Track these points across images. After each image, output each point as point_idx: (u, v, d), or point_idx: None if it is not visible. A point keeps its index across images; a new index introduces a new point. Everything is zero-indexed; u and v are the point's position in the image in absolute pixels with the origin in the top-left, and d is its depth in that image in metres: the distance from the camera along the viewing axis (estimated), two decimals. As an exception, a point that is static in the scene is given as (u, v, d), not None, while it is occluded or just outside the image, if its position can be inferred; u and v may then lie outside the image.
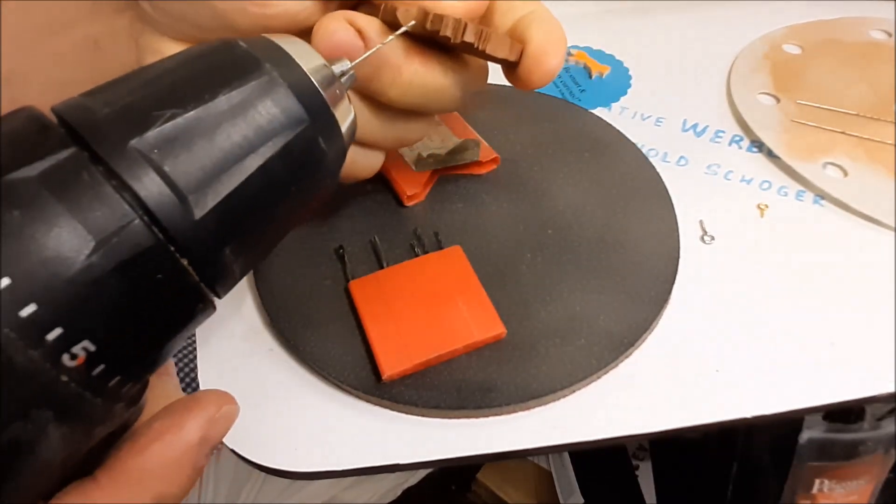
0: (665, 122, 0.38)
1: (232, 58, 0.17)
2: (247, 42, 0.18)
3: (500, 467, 0.69)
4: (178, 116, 0.16)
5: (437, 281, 0.28)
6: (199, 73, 0.17)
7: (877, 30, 0.41)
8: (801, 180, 0.34)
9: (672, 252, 0.30)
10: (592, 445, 0.26)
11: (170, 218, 0.15)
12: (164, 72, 0.17)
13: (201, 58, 0.17)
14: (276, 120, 0.17)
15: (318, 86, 0.18)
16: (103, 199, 0.15)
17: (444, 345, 0.26)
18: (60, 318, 0.14)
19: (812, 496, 0.39)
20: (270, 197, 0.17)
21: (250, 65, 0.17)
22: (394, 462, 0.25)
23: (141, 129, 0.15)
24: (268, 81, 0.17)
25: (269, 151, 0.17)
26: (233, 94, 0.16)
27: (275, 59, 0.18)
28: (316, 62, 0.19)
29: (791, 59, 0.40)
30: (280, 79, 0.17)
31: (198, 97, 0.16)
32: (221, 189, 0.16)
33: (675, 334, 0.28)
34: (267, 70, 0.17)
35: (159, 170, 0.15)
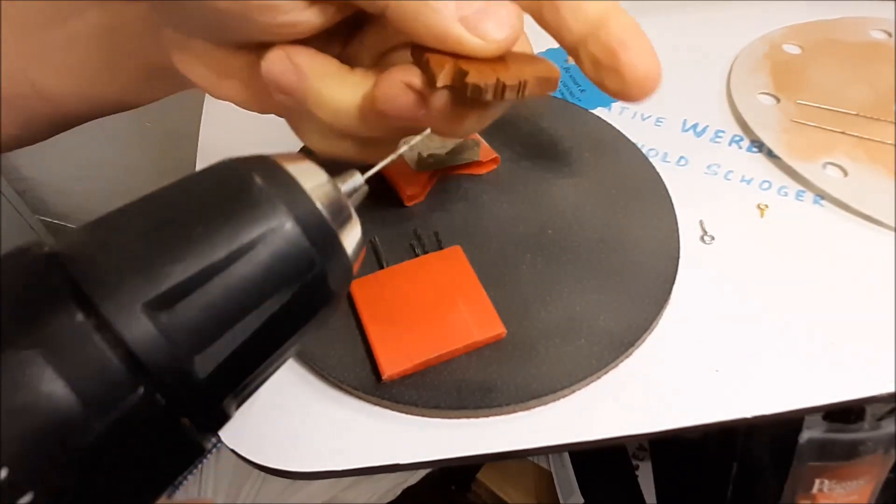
0: (665, 122, 0.38)
1: (240, 193, 0.17)
2: (257, 170, 0.17)
3: (500, 467, 0.69)
4: (186, 274, 0.15)
5: (437, 281, 0.28)
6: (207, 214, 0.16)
7: (877, 30, 0.41)
8: (801, 180, 0.34)
9: (672, 252, 0.30)
10: (592, 445, 0.26)
11: (174, 382, 0.15)
12: (168, 210, 0.16)
13: (209, 193, 0.17)
14: (286, 268, 0.16)
15: (329, 216, 0.18)
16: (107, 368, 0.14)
17: (444, 345, 0.26)
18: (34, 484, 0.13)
19: (812, 496, 0.39)
20: (277, 341, 0.17)
21: (261, 203, 0.16)
22: (394, 462, 0.25)
23: (149, 290, 0.15)
24: (278, 226, 0.16)
25: (277, 303, 0.16)
26: (242, 243, 0.16)
27: (283, 190, 0.17)
28: (325, 186, 0.18)
29: (791, 59, 0.40)
30: (290, 219, 0.16)
31: (207, 248, 0.16)
32: (227, 347, 0.16)
33: (675, 334, 0.28)
34: (276, 209, 0.16)
35: (166, 334, 0.15)
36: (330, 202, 0.18)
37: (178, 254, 0.15)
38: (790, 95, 0.37)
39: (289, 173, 0.17)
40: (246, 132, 0.37)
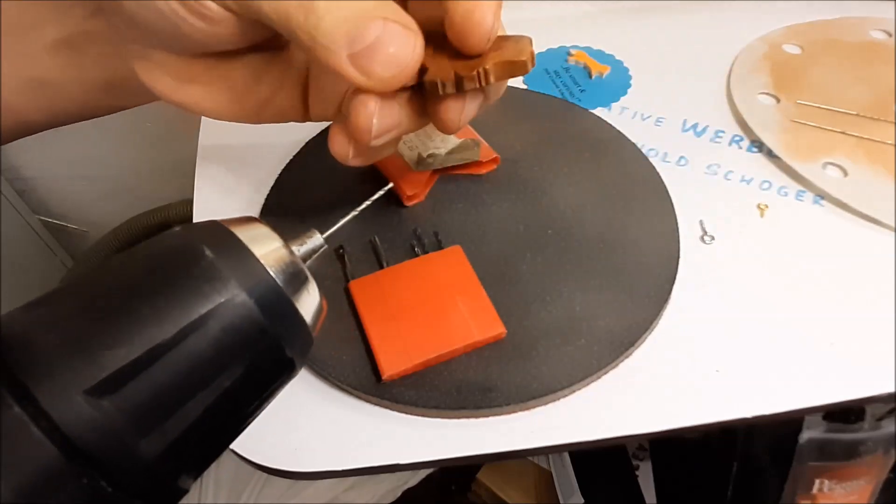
0: (665, 122, 0.38)
1: (188, 266, 0.16)
2: (207, 241, 0.16)
3: (500, 467, 0.68)
4: (130, 356, 0.14)
5: (437, 281, 0.28)
6: (154, 291, 0.15)
7: (877, 30, 0.41)
8: (801, 180, 0.34)
9: (672, 252, 0.30)
10: (592, 445, 0.26)
11: (120, 469, 0.14)
12: (112, 288, 0.16)
13: (156, 267, 0.16)
14: (238, 341, 0.16)
15: (283, 284, 0.17)
16: (47, 460, 0.13)
17: (444, 345, 0.26)
18: None
19: (812, 496, 0.39)
20: (232, 414, 0.17)
21: (211, 277, 0.16)
22: (394, 462, 0.25)
23: (89, 375, 0.14)
24: (229, 299, 0.16)
25: (229, 377, 0.16)
26: (190, 319, 0.15)
27: (234, 261, 0.16)
28: (279, 251, 0.18)
29: (791, 59, 0.40)
30: (241, 291, 0.16)
31: (153, 328, 0.15)
32: (177, 427, 0.15)
33: (675, 334, 0.28)
34: (226, 282, 0.16)
35: (109, 420, 0.14)
36: (284, 268, 0.17)
37: (122, 335, 0.15)
38: (790, 95, 0.37)
39: (241, 241, 0.17)
40: (245, 132, 0.37)
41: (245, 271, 0.16)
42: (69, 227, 1.13)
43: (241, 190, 0.35)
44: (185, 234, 0.17)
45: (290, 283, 0.17)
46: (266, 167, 0.35)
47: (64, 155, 1.00)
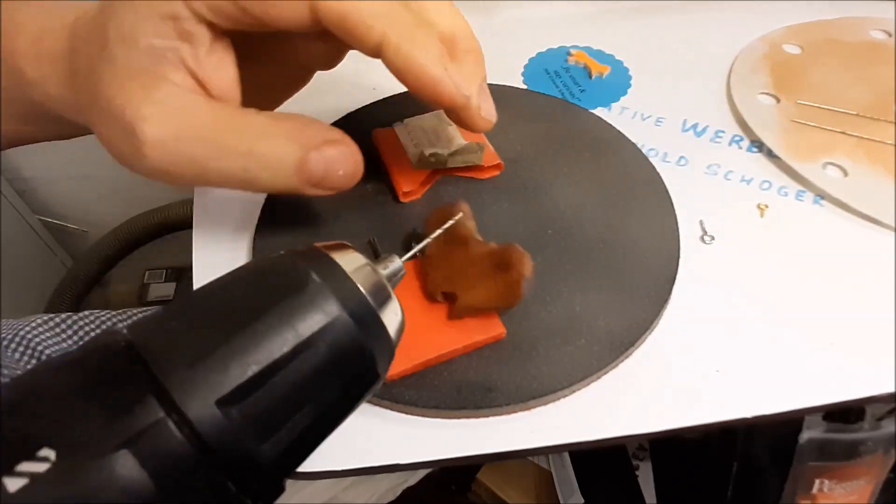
0: (665, 122, 0.38)
1: (300, 289, 0.18)
2: (313, 266, 0.19)
3: (500, 467, 0.68)
4: (254, 370, 0.17)
5: (437, 281, 0.28)
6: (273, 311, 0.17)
7: (877, 30, 0.41)
8: (801, 180, 0.34)
9: (672, 252, 0.30)
10: (592, 445, 0.26)
11: (245, 471, 0.16)
12: (233, 306, 0.18)
13: (271, 288, 0.18)
14: (342, 358, 0.18)
15: (374, 304, 0.19)
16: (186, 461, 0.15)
17: (444, 345, 0.26)
18: None
19: (812, 496, 0.39)
20: (331, 424, 0.19)
21: (319, 300, 0.18)
22: (394, 462, 0.25)
23: (221, 387, 0.16)
24: (335, 320, 0.18)
25: (334, 391, 0.18)
26: (303, 338, 0.17)
27: (336, 284, 0.19)
28: (369, 273, 0.20)
29: (791, 59, 0.40)
30: (345, 312, 0.18)
31: (272, 344, 0.17)
32: (289, 435, 0.17)
33: (675, 334, 0.28)
34: (332, 303, 0.18)
35: (238, 427, 0.16)
36: (376, 291, 0.20)
37: (247, 352, 0.17)
38: (790, 95, 0.37)
39: (340, 267, 0.19)
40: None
41: (346, 294, 0.19)
42: (69, 227, 1.13)
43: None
44: (292, 258, 0.19)
45: (381, 303, 0.20)
46: (266, 167, 0.35)
47: (64, 155, 1.00)
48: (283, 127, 0.25)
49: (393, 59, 0.23)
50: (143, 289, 1.13)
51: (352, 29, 0.23)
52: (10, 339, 0.47)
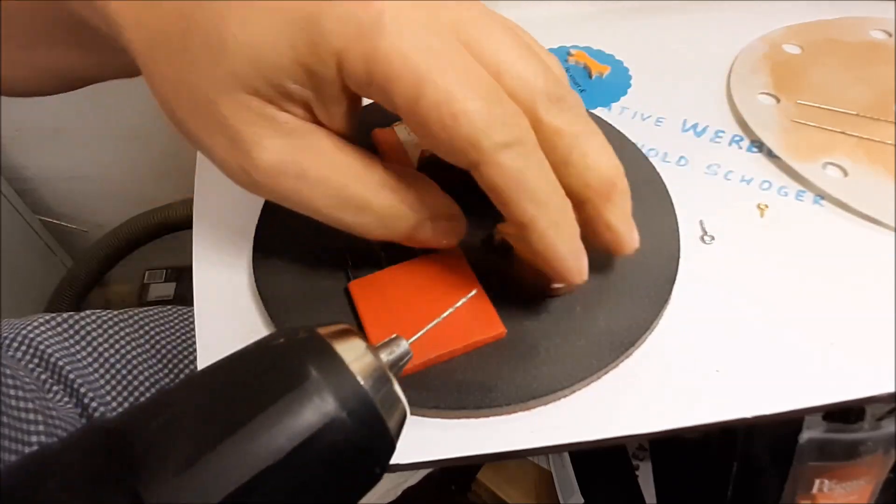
0: (665, 122, 0.38)
1: (297, 386, 0.17)
2: (311, 358, 0.18)
3: (500, 467, 0.69)
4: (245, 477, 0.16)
5: (437, 281, 0.28)
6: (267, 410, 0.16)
7: (877, 30, 0.41)
8: (801, 180, 0.34)
9: (672, 252, 0.30)
10: (592, 445, 0.26)
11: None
12: (224, 403, 0.17)
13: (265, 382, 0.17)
14: (338, 461, 0.17)
15: (378, 406, 0.18)
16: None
17: (444, 345, 0.26)
18: None
19: (812, 496, 0.39)
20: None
21: (315, 398, 0.17)
22: (394, 462, 0.25)
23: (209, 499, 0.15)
24: (335, 419, 0.17)
25: (328, 494, 0.17)
26: (300, 440, 0.16)
27: (336, 378, 0.17)
28: (371, 364, 0.19)
29: (791, 59, 0.40)
30: (344, 411, 0.17)
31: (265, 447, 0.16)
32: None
33: (675, 334, 0.28)
34: (331, 402, 0.17)
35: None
36: (379, 387, 0.18)
37: (238, 458, 0.16)
38: (790, 95, 0.37)
39: (342, 360, 0.18)
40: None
41: (346, 392, 0.17)
42: (69, 227, 1.13)
43: (242, 190, 0.35)
44: (290, 348, 0.18)
45: (383, 401, 0.18)
46: (266, 167, 0.35)
47: (64, 155, 1.00)
48: (405, 191, 0.24)
49: (535, 242, 0.23)
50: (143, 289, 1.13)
51: (504, 203, 0.23)
52: (11, 338, 0.47)
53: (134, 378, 0.49)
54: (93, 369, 0.48)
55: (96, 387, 0.47)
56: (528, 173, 0.22)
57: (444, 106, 0.20)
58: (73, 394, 0.46)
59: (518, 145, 0.22)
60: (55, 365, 0.46)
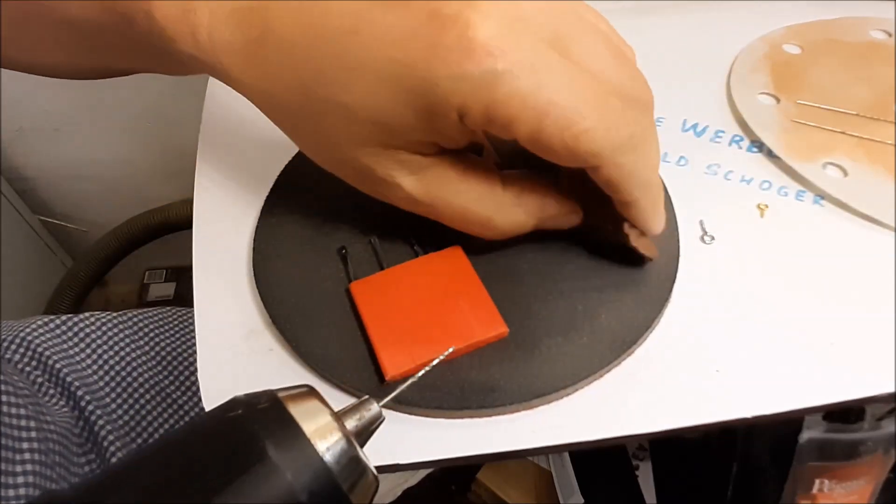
0: (665, 122, 0.38)
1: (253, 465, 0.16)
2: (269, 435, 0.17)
3: (500, 467, 0.69)
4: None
5: (439, 281, 0.28)
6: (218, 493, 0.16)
7: (877, 30, 0.41)
8: (801, 180, 0.34)
9: (672, 251, 0.30)
10: (592, 445, 0.26)
11: None
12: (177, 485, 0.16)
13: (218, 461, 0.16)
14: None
15: (344, 486, 0.17)
16: None
17: (446, 344, 0.26)
18: None
19: (812, 496, 0.39)
20: None
21: (273, 483, 0.16)
22: (394, 462, 0.25)
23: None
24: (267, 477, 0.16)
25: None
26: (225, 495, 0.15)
27: (295, 454, 0.16)
28: (341, 445, 0.17)
29: (791, 59, 0.40)
30: (305, 493, 0.16)
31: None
32: None
33: (675, 334, 0.28)
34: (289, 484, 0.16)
35: None
36: (345, 464, 0.17)
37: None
38: (790, 95, 0.37)
39: (304, 435, 0.17)
40: (246, 132, 0.37)
41: (307, 473, 0.16)
42: (69, 227, 1.13)
43: (242, 190, 0.35)
44: (247, 421, 0.17)
45: (349, 476, 0.17)
46: (267, 167, 0.35)
47: (64, 155, 1.00)
48: (524, 205, 0.28)
49: (634, 216, 0.27)
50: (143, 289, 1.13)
51: (615, 191, 0.25)
52: (10, 340, 0.47)
53: (133, 380, 0.49)
54: (91, 372, 0.48)
55: (94, 389, 0.47)
56: (639, 165, 0.25)
57: (565, 132, 0.22)
58: (70, 397, 0.46)
59: (630, 142, 0.24)
60: (53, 368, 0.46)
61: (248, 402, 0.17)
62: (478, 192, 0.27)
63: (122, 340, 0.50)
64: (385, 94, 0.23)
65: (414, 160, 0.25)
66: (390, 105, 0.23)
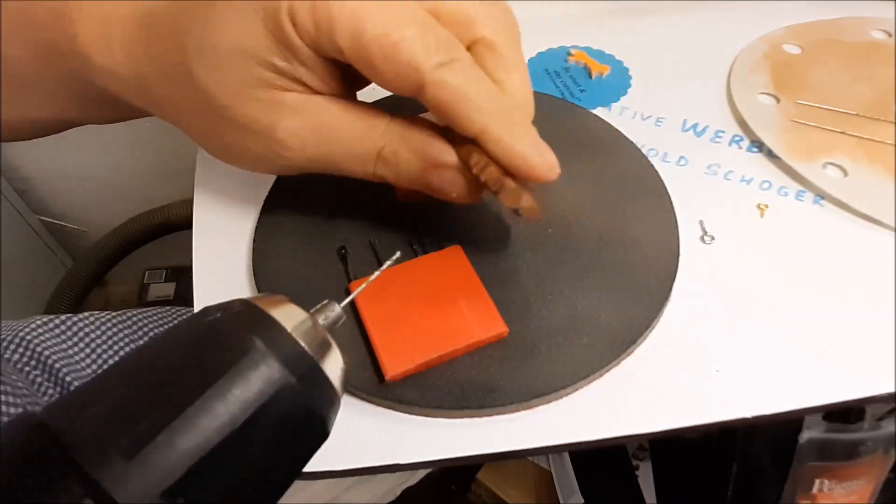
0: (665, 122, 0.38)
1: (241, 356, 0.17)
2: (252, 327, 0.18)
3: (500, 467, 0.69)
4: (194, 459, 0.15)
5: (438, 281, 0.28)
6: (215, 383, 0.16)
7: (877, 30, 0.41)
8: (801, 180, 0.34)
9: (672, 251, 0.30)
10: (592, 445, 0.26)
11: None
12: (165, 378, 0.17)
13: (208, 354, 0.17)
14: (292, 426, 0.17)
15: (321, 363, 0.18)
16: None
17: (446, 344, 0.26)
18: None
19: (812, 496, 0.39)
20: (282, 481, 0.18)
21: (263, 367, 0.17)
22: (394, 462, 0.25)
23: (166, 479, 0.15)
24: (283, 387, 0.17)
25: (284, 458, 0.17)
26: (252, 411, 0.16)
27: (280, 346, 0.18)
28: (303, 321, 0.19)
29: (791, 59, 0.40)
30: (292, 378, 0.17)
31: (218, 425, 0.16)
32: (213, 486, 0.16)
33: (674, 334, 0.28)
34: (275, 366, 0.17)
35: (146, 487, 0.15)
36: (320, 345, 0.19)
37: (192, 435, 0.15)
38: (790, 95, 0.37)
39: (282, 326, 0.18)
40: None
41: (293, 358, 0.18)
42: (69, 227, 1.13)
43: (242, 190, 0.35)
44: (230, 321, 0.18)
45: (323, 356, 0.19)
46: (266, 167, 0.35)
47: (64, 155, 1.00)
48: (410, 140, 0.26)
49: (493, 150, 0.25)
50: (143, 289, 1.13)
51: (454, 118, 0.24)
52: (9, 340, 0.47)
53: (134, 379, 0.48)
54: (91, 371, 0.48)
55: (95, 388, 0.47)
56: (469, 85, 0.24)
57: (383, 38, 0.23)
58: None
59: (455, 62, 0.24)
60: (52, 367, 0.46)
61: (225, 307, 0.19)
62: (362, 123, 0.26)
63: (121, 340, 0.50)
64: (239, 18, 0.24)
65: (290, 100, 0.25)
66: (245, 26, 0.24)
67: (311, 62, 0.25)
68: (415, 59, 0.23)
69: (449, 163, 0.26)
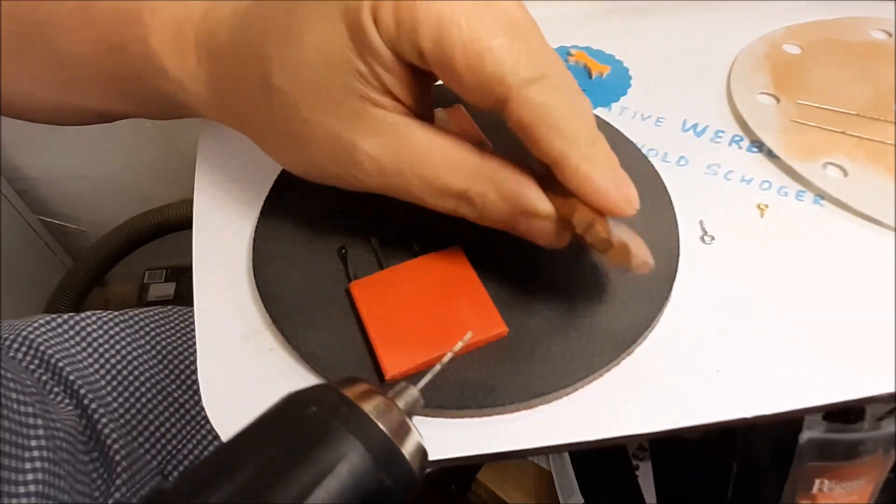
0: (665, 122, 0.38)
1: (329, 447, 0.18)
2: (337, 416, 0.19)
3: (500, 467, 0.69)
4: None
5: (438, 280, 0.28)
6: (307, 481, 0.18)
7: (877, 30, 0.41)
8: (801, 180, 0.34)
9: (672, 251, 0.30)
10: (592, 445, 0.26)
11: None
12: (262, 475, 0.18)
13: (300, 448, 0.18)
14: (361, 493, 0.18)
15: (410, 460, 0.19)
16: None
17: (446, 344, 0.26)
18: None
19: (812, 496, 0.39)
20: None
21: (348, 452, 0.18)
22: (395, 462, 0.25)
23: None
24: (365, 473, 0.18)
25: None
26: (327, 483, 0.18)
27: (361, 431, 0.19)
28: (388, 412, 0.20)
29: (791, 59, 0.40)
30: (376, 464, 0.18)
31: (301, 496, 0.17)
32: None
33: (674, 334, 0.28)
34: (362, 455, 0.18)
35: None
36: (397, 429, 0.20)
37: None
38: (790, 95, 0.37)
39: (365, 413, 0.19)
40: (246, 132, 0.37)
41: (376, 446, 0.19)
42: (69, 227, 1.13)
43: (242, 190, 0.35)
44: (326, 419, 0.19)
45: (403, 440, 0.20)
46: (266, 167, 0.35)
47: (64, 155, 1.00)
48: (501, 184, 0.24)
49: (569, 179, 0.23)
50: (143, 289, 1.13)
51: (533, 141, 0.23)
52: (11, 339, 0.47)
53: (135, 379, 0.49)
54: (93, 370, 0.48)
55: (96, 388, 0.47)
56: (556, 107, 0.22)
57: (468, 45, 0.21)
58: (72, 395, 0.46)
59: (545, 80, 0.22)
60: (55, 366, 0.46)
61: (319, 400, 0.20)
62: (449, 158, 0.24)
63: (123, 339, 0.50)
64: (320, 21, 0.23)
65: (376, 116, 0.24)
66: (326, 29, 0.23)
67: (393, 67, 0.23)
68: (501, 71, 0.21)
69: (543, 213, 0.25)
